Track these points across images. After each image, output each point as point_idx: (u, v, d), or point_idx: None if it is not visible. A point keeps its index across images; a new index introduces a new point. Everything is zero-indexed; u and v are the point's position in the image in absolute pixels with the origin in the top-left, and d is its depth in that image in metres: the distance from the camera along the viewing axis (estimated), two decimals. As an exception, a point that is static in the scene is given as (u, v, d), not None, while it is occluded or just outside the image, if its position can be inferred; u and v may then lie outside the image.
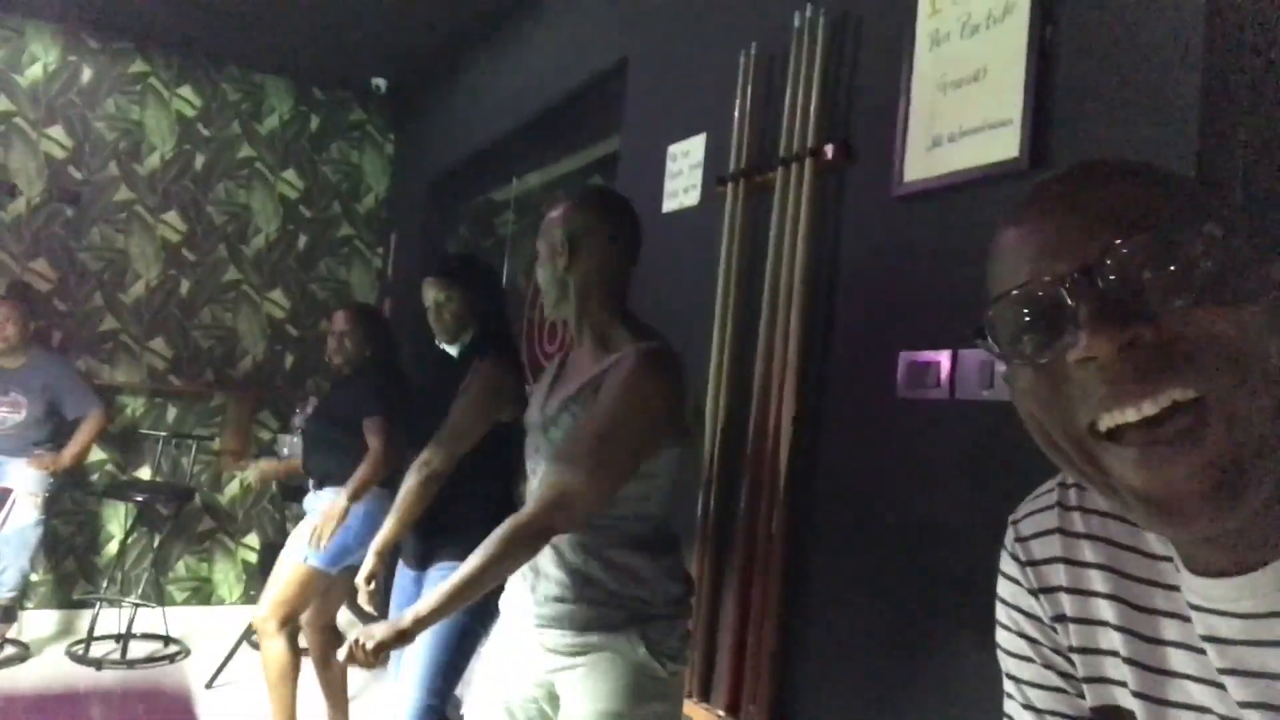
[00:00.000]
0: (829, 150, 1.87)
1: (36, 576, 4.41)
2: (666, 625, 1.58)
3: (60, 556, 4.55)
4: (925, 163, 1.65)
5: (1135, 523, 0.67)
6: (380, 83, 5.01)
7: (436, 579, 2.23)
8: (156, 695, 3.84)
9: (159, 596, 4.53)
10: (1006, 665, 0.82)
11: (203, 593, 4.88)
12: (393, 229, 5.22)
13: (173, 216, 4.84)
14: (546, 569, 1.61)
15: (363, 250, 5.32)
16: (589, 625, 1.56)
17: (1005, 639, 0.81)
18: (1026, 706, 0.80)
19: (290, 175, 5.12)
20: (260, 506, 4.99)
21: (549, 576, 1.60)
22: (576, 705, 1.56)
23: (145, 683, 3.96)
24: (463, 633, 2.20)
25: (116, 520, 4.66)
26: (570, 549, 1.59)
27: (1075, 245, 0.59)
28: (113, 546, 4.64)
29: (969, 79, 1.58)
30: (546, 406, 1.68)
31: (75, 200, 4.61)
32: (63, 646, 4.22)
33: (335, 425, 3.14)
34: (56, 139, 4.59)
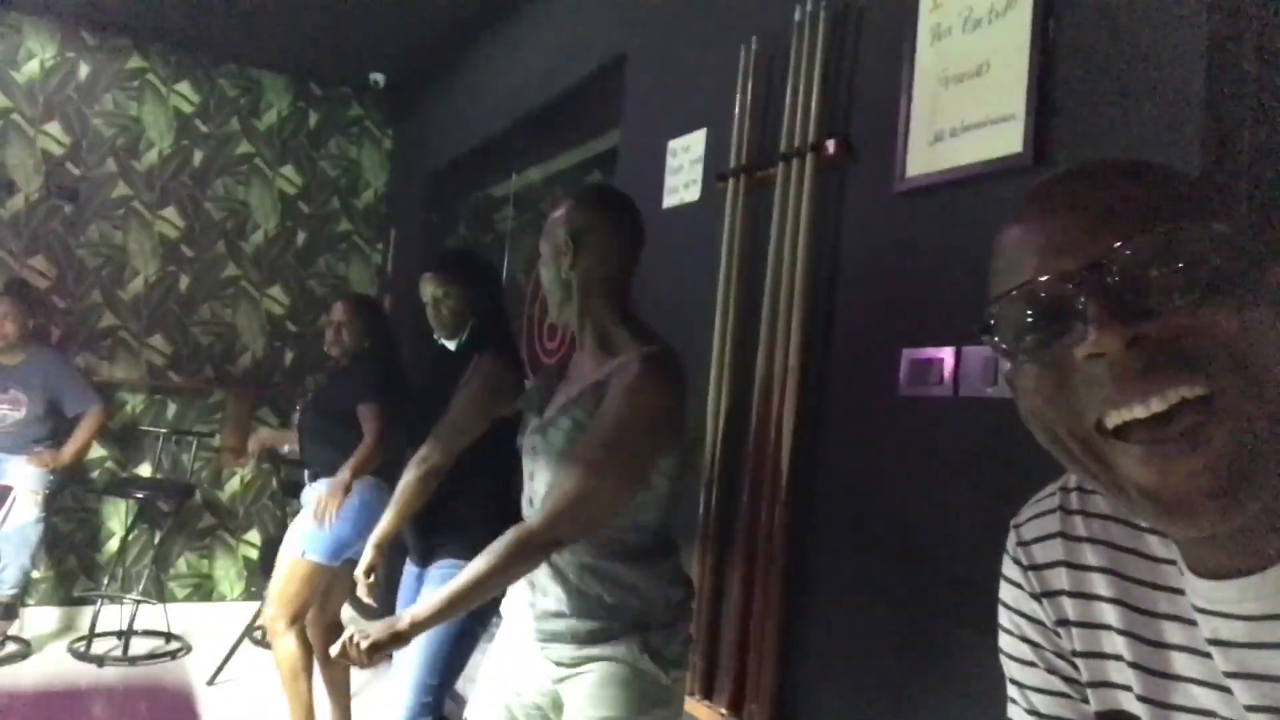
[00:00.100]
0: (830, 146, 1.86)
1: (37, 574, 4.41)
2: (667, 632, 1.57)
3: (61, 553, 4.55)
4: (927, 158, 1.64)
5: (1140, 521, 0.68)
6: (379, 78, 4.99)
7: (437, 578, 2.23)
8: (158, 692, 3.84)
9: (160, 593, 4.53)
10: (1010, 670, 0.81)
11: (204, 589, 4.88)
12: (392, 225, 5.21)
13: (171, 213, 4.83)
14: (545, 585, 1.59)
15: (362, 246, 5.31)
16: (590, 639, 1.55)
17: (1008, 643, 0.81)
18: (1030, 712, 0.79)
19: (289, 171, 5.11)
20: (261, 503, 4.99)
21: (547, 593, 1.59)
22: (580, 713, 1.55)
23: (147, 679, 3.96)
24: (460, 634, 2.20)
25: (117, 517, 4.66)
26: (568, 567, 1.57)
27: (1082, 242, 0.58)
28: (113, 543, 4.64)
29: (971, 73, 1.57)
30: (546, 409, 1.66)
31: (73, 197, 4.60)
32: (64, 643, 4.22)
33: (331, 416, 3.13)
34: (54, 135, 4.58)
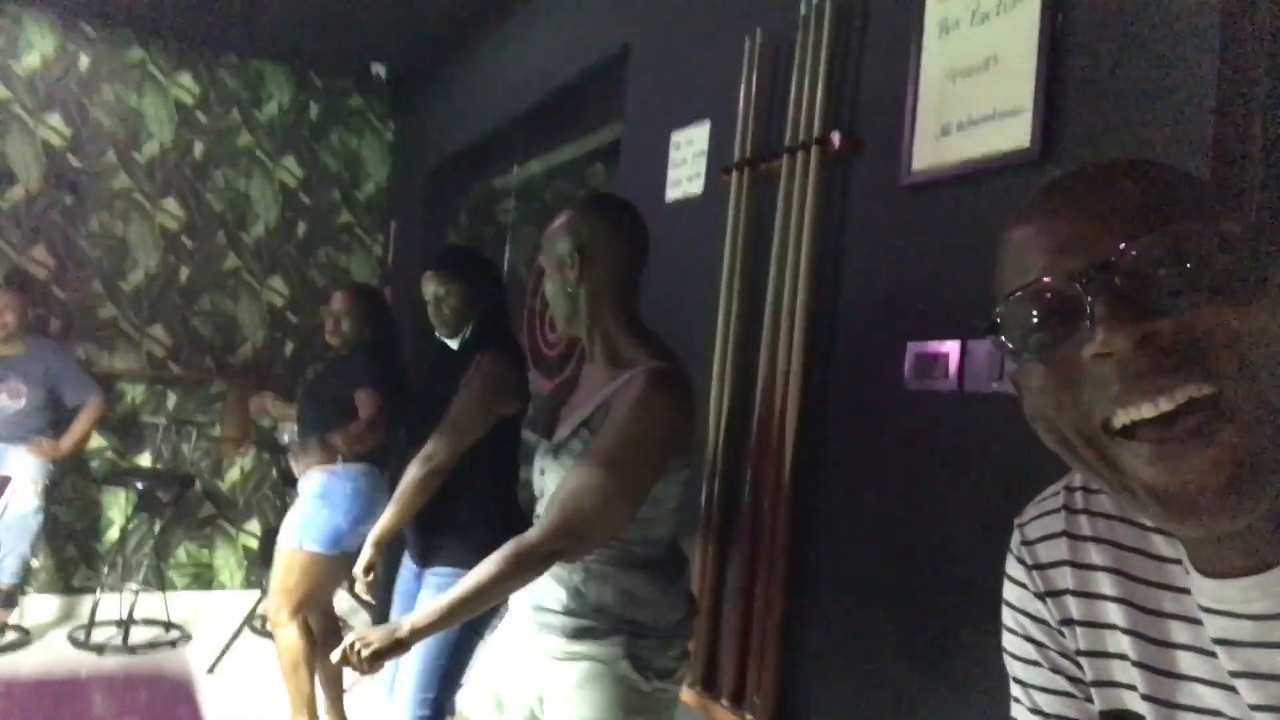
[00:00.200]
0: (835, 139, 1.85)
1: (37, 562, 4.41)
2: (656, 644, 1.57)
3: (61, 543, 4.56)
4: (934, 152, 1.63)
5: (1146, 521, 0.67)
6: (380, 69, 4.97)
7: (434, 584, 2.23)
8: (158, 680, 3.85)
9: (160, 582, 4.54)
10: (1013, 669, 0.81)
11: (204, 578, 4.89)
12: (393, 217, 5.20)
13: (172, 204, 4.82)
14: (546, 582, 1.59)
15: (363, 238, 5.30)
16: (577, 635, 1.56)
17: (1011, 643, 0.81)
18: (1034, 711, 0.79)
19: (289, 163, 5.10)
20: (261, 493, 4.99)
21: (548, 589, 1.60)
22: (558, 709, 1.56)
23: (147, 668, 3.96)
24: (457, 644, 2.19)
25: (117, 507, 4.66)
26: (573, 570, 1.57)
27: (1090, 241, 0.58)
28: (113, 533, 4.64)
29: (979, 67, 1.56)
30: (557, 429, 1.65)
31: (74, 188, 4.60)
32: (64, 632, 4.22)
33: (328, 403, 3.11)
34: (54, 127, 4.56)
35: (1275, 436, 0.55)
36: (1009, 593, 0.81)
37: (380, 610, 2.97)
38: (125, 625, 4.14)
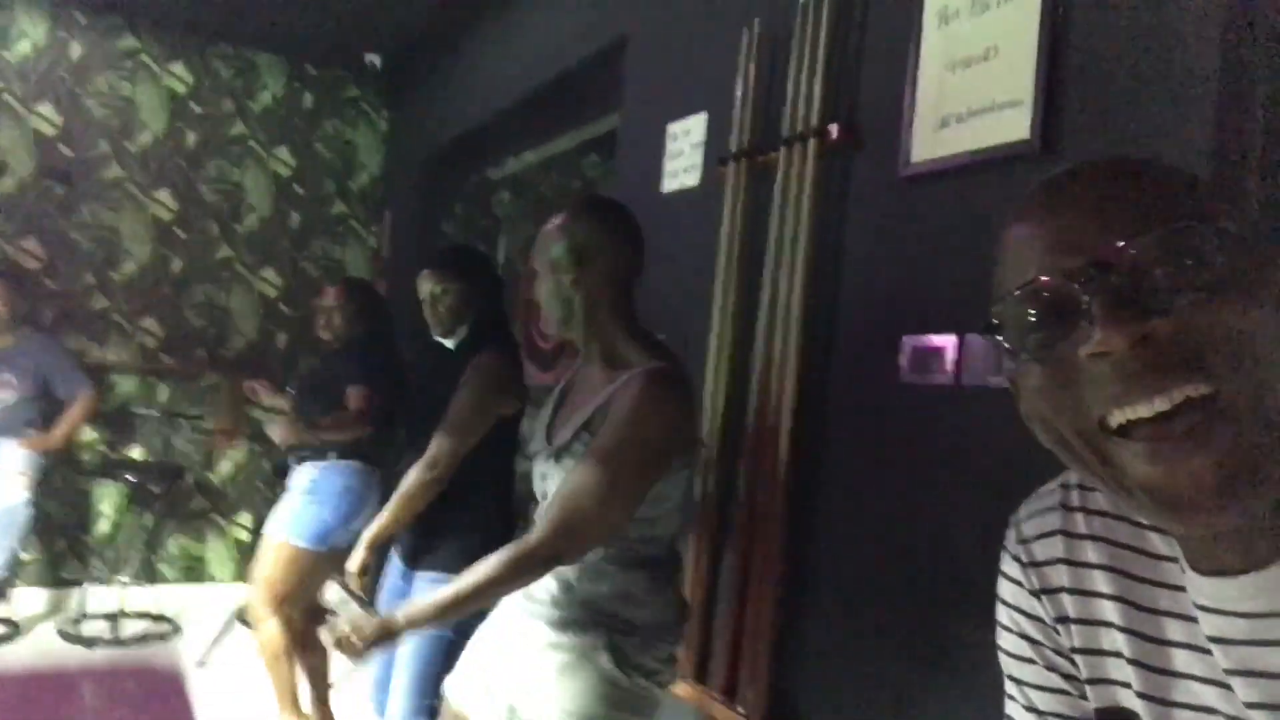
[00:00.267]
0: (834, 130, 1.84)
1: (27, 556, 4.39)
2: (640, 644, 1.56)
3: (51, 536, 4.53)
4: (933, 144, 1.62)
5: (1144, 519, 0.68)
6: (375, 59, 4.94)
7: (423, 587, 2.22)
8: (148, 674, 3.83)
9: (150, 575, 4.52)
10: (1008, 667, 0.82)
11: (195, 571, 4.87)
12: (387, 208, 5.18)
13: (164, 195, 4.79)
14: None
15: (357, 229, 5.28)
16: (561, 625, 1.56)
17: (1007, 640, 0.81)
18: (1028, 708, 0.80)
19: (283, 153, 5.07)
20: (252, 485, 4.97)
21: (542, 580, 1.59)
22: (540, 702, 1.56)
23: (137, 661, 3.94)
24: (447, 650, 2.17)
25: (108, 499, 4.64)
26: (569, 567, 1.57)
27: (1087, 240, 0.58)
28: (104, 525, 4.62)
29: (978, 58, 1.55)
30: (557, 433, 1.64)
31: (65, 178, 4.56)
32: (54, 625, 4.20)
33: (320, 399, 3.10)
34: (46, 116, 4.53)
35: (1272, 436, 0.56)
36: (1004, 590, 0.81)
37: (369, 601, 2.95)
38: (115, 618, 4.13)
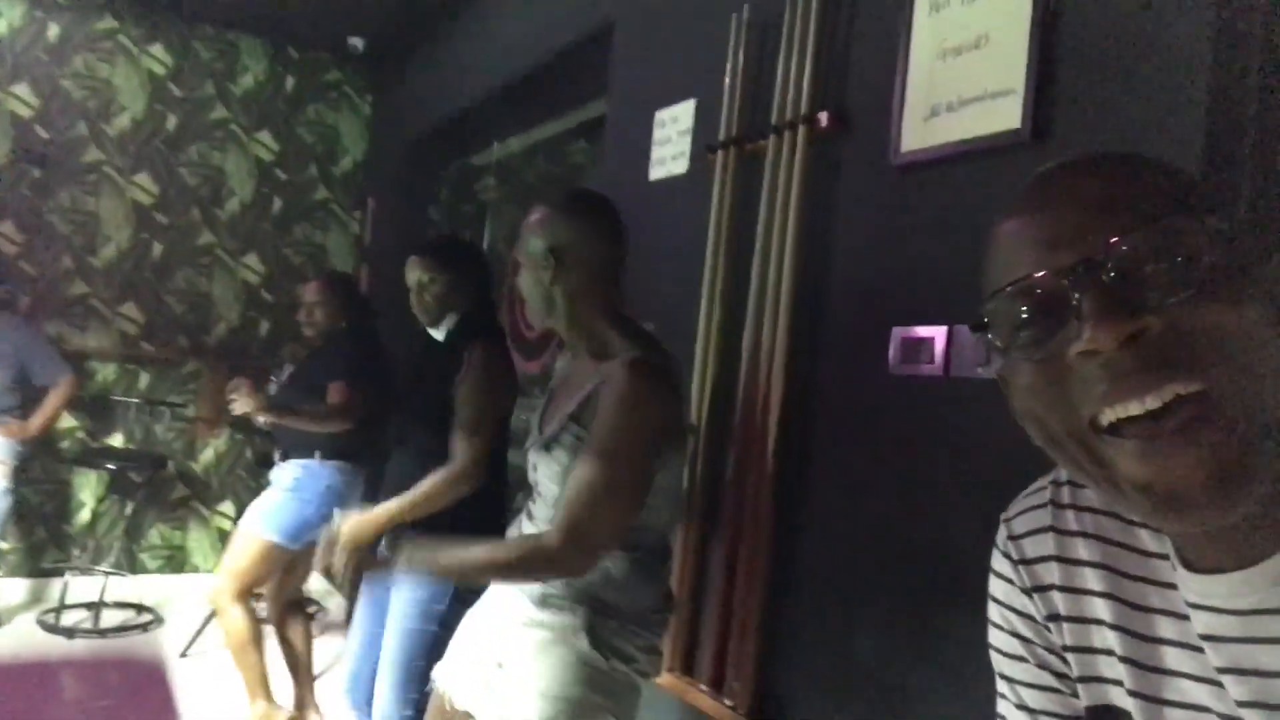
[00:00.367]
0: (823, 118, 1.83)
1: (6, 545, 4.35)
2: (619, 627, 1.56)
3: (30, 525, 4.49)
4: (923, 132, 1.61)
5: (1135, 517, 0.68)
6: (358, 42, 4.88)
7: (406, 584, 2.20)
8: (130, 664, 3.80)
9: (132, 565, 4.49)
10: (999, 665, 0.82)
11: (176, 561, 4.83)
12: (370, 193, 5.13)
13: (144, 178, 4.73)
14: None
15: (340, 214, 5.23)
16: (542, 603, 1.57)
17: (998, 638, 0.81)
18: (1020, 707, 0.80)
19: (265, 137, 5.01)
20: (235, 474, 4.94)
21: None
22: (517, 679, 1.56)
23: (118, 652, 3.91)
24: (433, 641, 2.16)
25: (88, 488, 4.59)
26: None
27: (1077, 237, 0.58)
28: (84, 514, 4.58)
29: (970, 46, 1.54)
30: (546, 425, 1.64)
31: (42, 161, 4.49)
32: (33, 615, 4.16)
33: (303, 396, 3.10)
34: (22, 97, 4.45)
35: (1262, 433, 0.56)
36: (995, 588, 0.81)
37: (350, 598, 2.93)
38: (96, 608, 4.09)
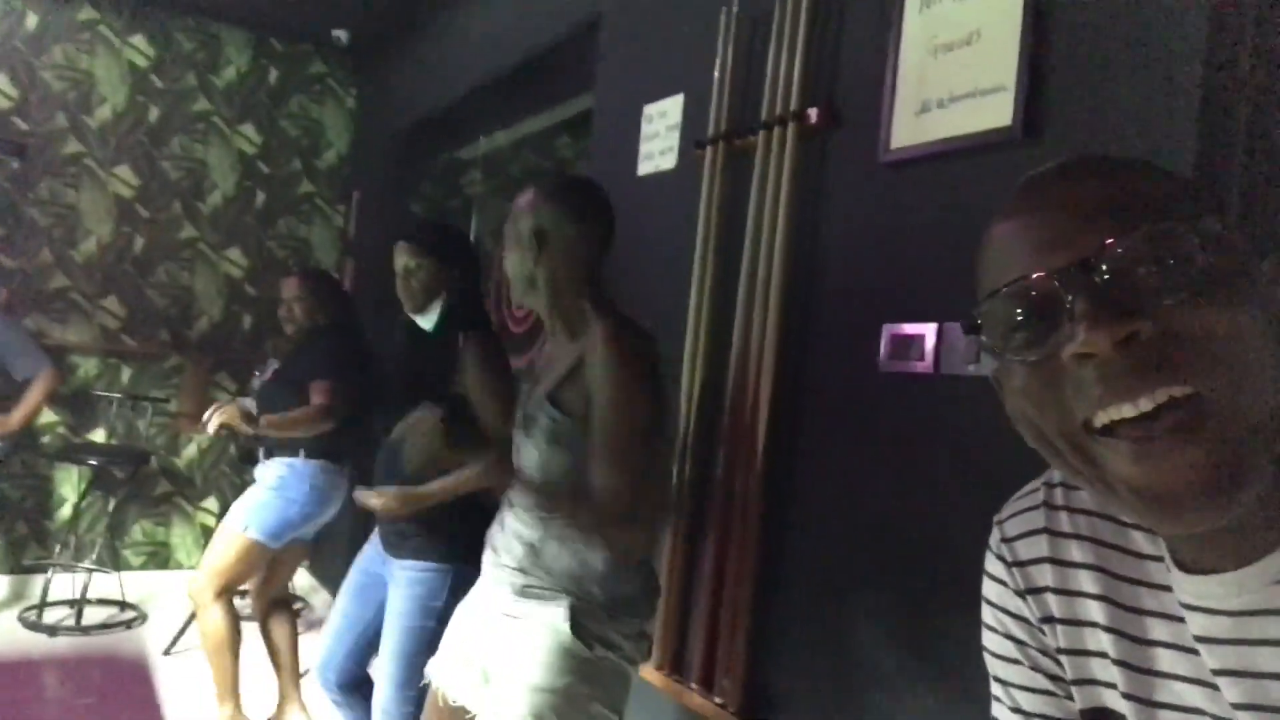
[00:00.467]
0: (813, 114, 1.82)
1: (-14, 541, 4.30)
2: (603, 615, 1.57)
3: (11, 521, 4.44)
4: (913, 129, 1.60)
5: (1129, 519, 0.68)
6: (341, 34, 4.84)
7: (403, 579, 2.19)
8: (113, 662, 3.77)
9: (114, 561, 4.44)
10: (993, 667, 0.81)
11: (160, 557, 4.79)
12: (354, 187, 5.09)
13: (125, 171, 4.67)
14: (509, 543, 1.65)
15: (323, 208, 5.19)
16: (525, 593, 1.60)
17: (992, 641, 0.81)
18: (1014, 709, 0.80)
19: (248, 130, 4.96)
20: (219, 470, 4.90)
21: (508, 544, 1.65)
22: (503, 669, 1.58)
23: (101, 649, 3.88)
24: (430, 636, 2.14)
25: (69, 483, 4.54)
26: (533, 524, 1.61)
27: (1071, 239, 0.58)
28: (66, 510, 4.53)
29: (961, 42, 1.53)
30: (528, 405, 1.66)
31: (21, 153, 4.43)
32: (15, 612, 4.12)
33: (287, 393, 3.06)
34: (0, 89, 4.39)
35: (1255, 434, 0.56)
36: (989, 590, 0.81)
37: (336, 580, 2.91)
38: (79, 605, 4.05)
